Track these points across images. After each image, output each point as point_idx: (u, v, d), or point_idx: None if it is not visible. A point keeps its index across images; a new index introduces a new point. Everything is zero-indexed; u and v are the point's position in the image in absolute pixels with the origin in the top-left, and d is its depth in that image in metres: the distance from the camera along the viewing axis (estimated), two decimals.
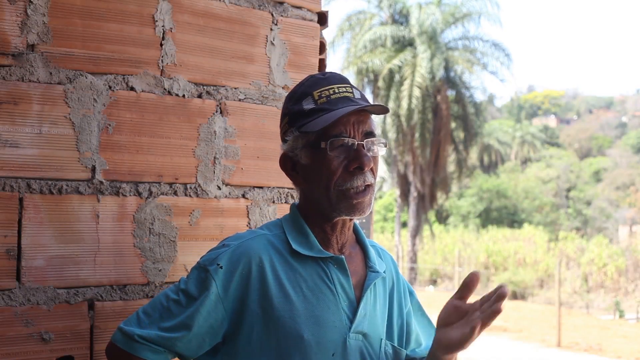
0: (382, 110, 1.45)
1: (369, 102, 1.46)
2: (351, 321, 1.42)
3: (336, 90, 1.44)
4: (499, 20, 25.76)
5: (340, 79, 1.47)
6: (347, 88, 1.45)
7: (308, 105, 1.43)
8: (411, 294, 1.64)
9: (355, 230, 1.56)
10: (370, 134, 1.44)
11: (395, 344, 1.53)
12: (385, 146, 1.47)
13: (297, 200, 1.55)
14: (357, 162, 1.40)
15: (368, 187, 1.42)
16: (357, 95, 1.46)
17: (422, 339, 1.63)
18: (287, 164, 1.48)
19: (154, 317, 1.39)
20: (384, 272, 1.53)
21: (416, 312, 1.64)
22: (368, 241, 1.56)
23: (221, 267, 1.38)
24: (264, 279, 1.38)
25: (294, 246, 1.42)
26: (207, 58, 1.78)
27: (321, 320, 1.39)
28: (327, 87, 1.44)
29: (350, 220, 1.48)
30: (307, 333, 1.37)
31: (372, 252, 1.54)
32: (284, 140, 1.48)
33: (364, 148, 1.41)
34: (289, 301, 1.38)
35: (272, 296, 1.38)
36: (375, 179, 1.44)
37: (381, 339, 1.48)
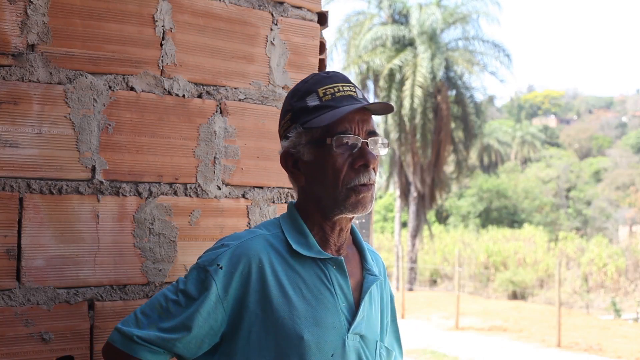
0: (387, 108, 1.45)
1: (368, 101, 1.47)
2: (349, 322, 1.42)
3: (340, 89, 1.45)
4: (499, 20, 25.78)
5: (344, 79, 1.48)
6: (350, 87, 1.46)
7: (313, 102, 1.44)
8: (391, 300, 1.65)
9: (352, 232, 1.56)
10: (373, 133, 1.45)
11: (387, 346, 1.55)
12: (387, 146, 1.48)
13: (295, 200, 1.54)
14: (363, 159, 1.41)
15: (371, 185, 1.43)
16: (360, 95, 1.47)
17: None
18: (289, 160, 1.48)
19: (152, 318, 1.38)
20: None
21: (392, 319, 1.65)
22: (364, 243, 1.57)
23: (221, 268, 1.37)
24: (264, 279, 1.38)
25: (294, 246, 1.42)
26: (207, 58, 1.78)
27: (321, 321, 1.39)
28: (331, 85, 1.45)
29: (350, 219, 1.48)
30: (307, 334, 1.36)
31: (368, 255, 1.54)
32: (285, 137, 1.48)
33: (367, 146, 1.42)
34: (289, 302, 1.38)
35: (272, 297, 1.37)
36: (376, 177, 1.46)
37: (376, 341, 1.49)
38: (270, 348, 1.36)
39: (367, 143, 1.42)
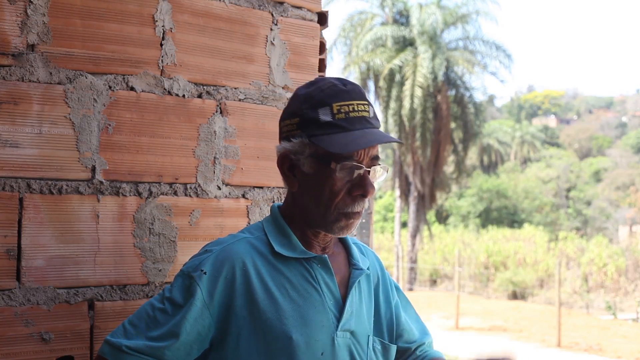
0: (396, 142, 1.46)
1: (379, 121, 1.44)
2: (338, 319, 1.43)
3: (355, 108, 1.40)
4: (497, 20, 25.78)
5: (361, 95, 1.43)
6: (365, 107, 1.41)
7: (325, 116, 1.39)
8: (397, 288, 1.65)
9: None
10: (376, 157, 1.43)
11: (385, 340, 1.54)
12: (387, 172, 1.46)
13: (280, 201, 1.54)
14: (362, 189, 1.40)
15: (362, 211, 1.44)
16: (372, 113, 1.43)
17: (416, 331, 1.64)
18: (285, 163, 1.45)
19: (140, 328, 1.37)
20: (368, 268, 1.53)
21: (405, 305, 1.65)
22: (350, 239, 1.56)
23: (205, 273, 1.37)
24: (249, 282, 1.38)
25: (277, 248, 1.42)
26: (207, 58, 1.78)
27: (308, 321, 1.39)
28: (347, 102, 1.40)
29: None
30: (296, 334, 1.37)
31: (355, 250, 1.54)
32: (287, 139, 1.43)
33: (369, 175, 1.41)
34: (276, 303, 1.38)
35: (258, 299, 1.37)
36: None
37: (368, 336, 1.49)
38: (260, 351, 1.37)
39: (369, 172, 1.41)
